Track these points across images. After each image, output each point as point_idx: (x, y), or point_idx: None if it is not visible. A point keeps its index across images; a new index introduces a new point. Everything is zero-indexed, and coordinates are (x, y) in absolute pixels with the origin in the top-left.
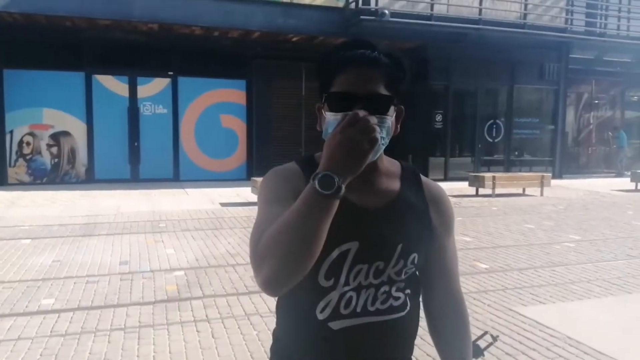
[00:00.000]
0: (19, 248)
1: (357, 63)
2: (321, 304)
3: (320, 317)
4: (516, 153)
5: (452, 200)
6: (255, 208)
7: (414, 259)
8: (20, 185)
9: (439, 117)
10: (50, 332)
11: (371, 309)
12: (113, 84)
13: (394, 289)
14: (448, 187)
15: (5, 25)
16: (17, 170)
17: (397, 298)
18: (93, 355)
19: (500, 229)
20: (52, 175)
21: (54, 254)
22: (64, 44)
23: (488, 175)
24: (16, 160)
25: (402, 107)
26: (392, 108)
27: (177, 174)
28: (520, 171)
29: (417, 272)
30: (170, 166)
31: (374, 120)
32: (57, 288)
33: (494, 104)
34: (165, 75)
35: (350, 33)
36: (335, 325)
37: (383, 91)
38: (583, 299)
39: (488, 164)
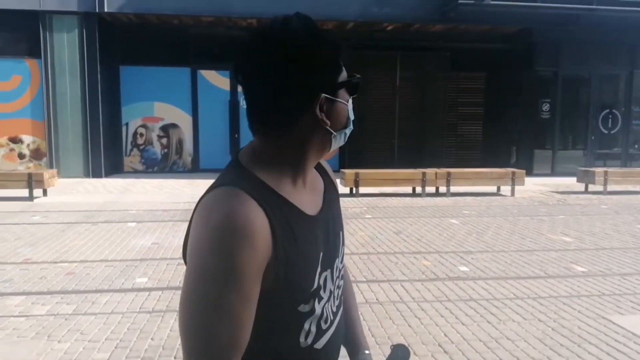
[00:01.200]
0: (124, 230)
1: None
2: (304, 330)
3: (305, 344)
4: (636, 146)
5: (557, 197)
6: (343, 200)
7: (344, 238)
8: (134, 173)
9: (546, 107)
10: (140, 308)
11: (335, 309)
12: (216, 79)
13: (340, 277)
14: (554, 182)
15: (121, 25)
16: (132, 159)
17: (340, 286)
18: (173, 332)
19: (607, 229)
20: (162, 164)
21: (154, 236)
22: (172, 41)
23: (599, 170)
24: (131, 150)
25: None
26: None
27: None
28: None
29: None
30: None
31: None
32: (152, 268)
33: (610, 91)
34: None
35: (447, 19)
36: (319, 344)
37: None
38: None
39: (603, 157)
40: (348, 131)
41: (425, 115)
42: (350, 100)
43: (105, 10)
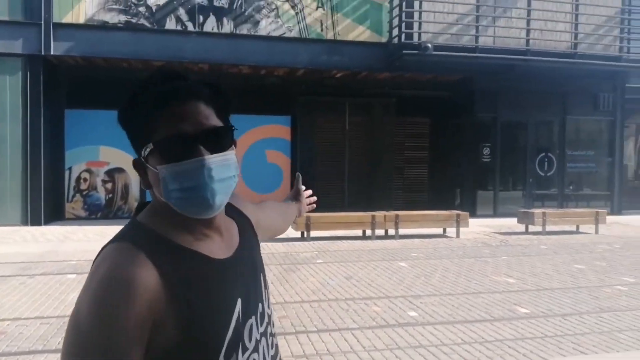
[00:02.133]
0: (63, 283)
1: (180, 97)
2: None
3: None
4: (571, 187)
5: (499, 238)
6: (294, 244)
7: (266, 276)
8: (76, 220)
9: (486, 150)
10: None
11: (268, 358)
12: None
13: (271, 323)
14: (496, 223)
15: (68, 67)
16: (74, 206)
17: (273, 333)
18: None
19: (547, 269)
20: (106, 210)
21: None
22: (120, 84)
23: (538, 211)
24: (73, 196)
25: (236, 140)
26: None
27: None
28: (576, 206)
29: None
30: None
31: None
32: None
33: (545, 136)
34: None
35: (393, 67)
36: None
37: (218, 123)
38: (630, 350)
39: (541, 198)
40: (173, 203)
41: (374, 158)
42: (172, 166)
43: (52, 53)
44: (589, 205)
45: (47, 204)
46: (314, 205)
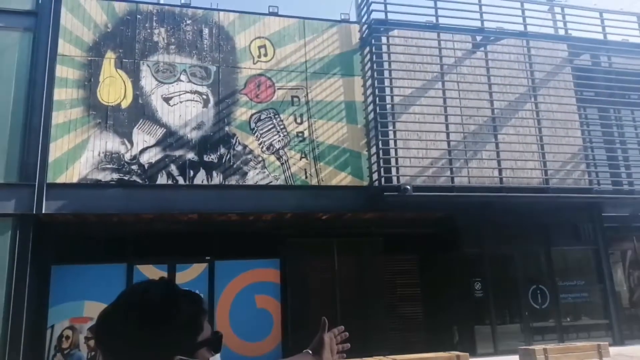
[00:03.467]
0: None
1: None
2: None
3: None
4: (568, 319)
5: None
6: None
7: None
8: None
9: (477, 285)
10: None
11: None
12: (153, 273)
13: None
14: None
15: (57, 224)
16: None
17: None
18: None
19: None
20: None
21: None
22: (110, 239)
23: (539, 347)
24: (54, 356)
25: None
26: None
27: None
28: (577, 337)
29: None
30: None
31: None
32: None
33: (533, 268)
34: (202, 260)
35: (376, 208)
36: None
37: None
38: None
39: (540, 332)
40: None
41: (366, 297)
42: (217, 357)
43: (44, 211)
44: (590, 336)
45: None
46: (344, 356)
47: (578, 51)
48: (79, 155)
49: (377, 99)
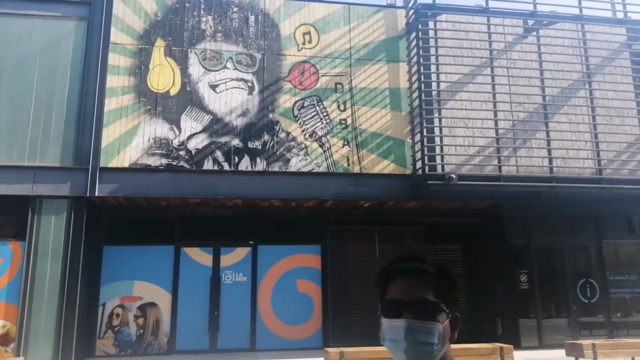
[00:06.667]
0: None
1: (405, 274)
2: None
3: None
4: (618, 315)
5: None
6: None
7: None
8: (106, 357)
9: (523, 277)
10: None
11: None
12: (199, 255)
13: None
14: (543, 357)
15: (109, 207)
16: (105, 342)
17: None
18: None
19: None
20: (137, 346)
21: None
22: (159, 221)
23: (587, 342)
24: (105, 332)
25: (458, 314)
26: (443, 314)
27: (253, 344)
28: (627, 334)
29: None
30: (247, 335)
31: None
32: None
33: (582, 261)
34: (246, 245)
35: (419, 197)
36: None
37: (431, 298)
38: None
39: (588, 327)
40: (385, 345)
41: None
42: (386, 321)
43: (96, 194)
44: None
45: (79, 341)
46: None
47: (637, 35)
48: (129, 141)
49: (423, 85)
